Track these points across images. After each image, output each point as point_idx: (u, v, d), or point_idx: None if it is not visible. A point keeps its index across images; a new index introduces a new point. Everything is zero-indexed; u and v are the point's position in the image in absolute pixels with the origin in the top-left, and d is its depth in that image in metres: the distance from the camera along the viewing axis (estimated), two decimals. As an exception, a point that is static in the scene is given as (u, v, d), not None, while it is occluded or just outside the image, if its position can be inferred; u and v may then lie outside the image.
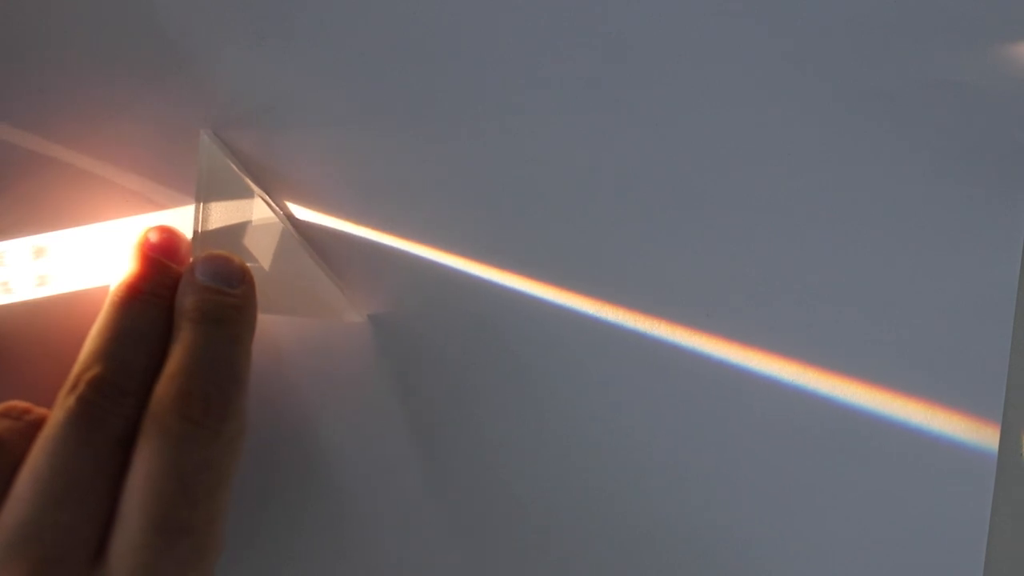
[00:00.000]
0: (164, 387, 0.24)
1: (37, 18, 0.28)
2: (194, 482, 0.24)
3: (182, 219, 0.28)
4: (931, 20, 0.26)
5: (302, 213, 0.29)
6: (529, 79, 0.28)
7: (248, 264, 0.27)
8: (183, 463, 0.23)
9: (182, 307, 0.25)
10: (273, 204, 0.28)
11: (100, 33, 0.28)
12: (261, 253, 0.28)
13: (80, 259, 0.28)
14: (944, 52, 0.26)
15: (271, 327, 0.29)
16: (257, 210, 0.28)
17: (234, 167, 0.28)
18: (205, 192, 0.27)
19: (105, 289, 0.26)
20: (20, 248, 0.28)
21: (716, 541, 0.29)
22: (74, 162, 0.29)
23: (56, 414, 0.24)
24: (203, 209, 0.27)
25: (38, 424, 0.24)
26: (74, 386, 0.24)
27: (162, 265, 0.26)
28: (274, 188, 0.29)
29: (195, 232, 0.27)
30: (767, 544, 0.29)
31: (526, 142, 0.28)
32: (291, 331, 0.29)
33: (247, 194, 0.28)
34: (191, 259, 0.27)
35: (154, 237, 0.27)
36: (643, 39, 0.27)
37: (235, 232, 0.28)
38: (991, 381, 0.27)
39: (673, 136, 0.28)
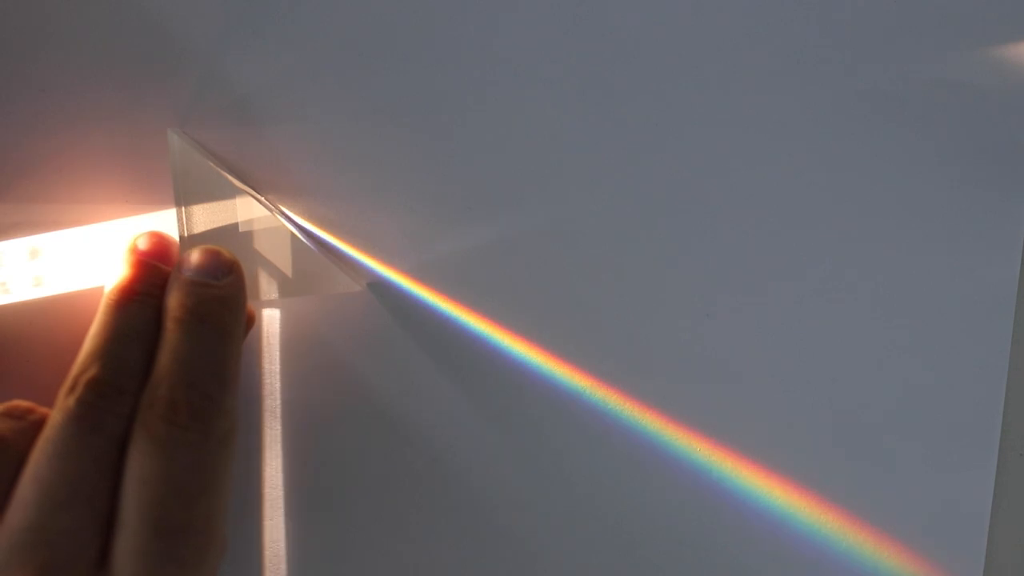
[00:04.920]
0: (150, 393, 0.24)
1: (37, 18, 0.28)
2: (187, 484, 0.24)
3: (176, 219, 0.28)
4: (931, 20, 0.26)
5: (293, 209, 0.29)
6: (529, 79, 0.28)
7: (239, 254, 0.27)
8: (174, 467, 0.23)
9: (168, 305, 0.25)
10: (254, 192, 0.28)
11: (100, 33, 0.28)
12: (250, 241, 0.28)
13: (75, 260, 0.28)
14: (944, 52, 0.26)
15: (266, 313, 0.29)
16: (240, 201, 0.28)
17: (209, 162, 0.28)
18: (184, 193, 0.27)
19: (101, 289, 0.26)
20: (16, 249, 0.28)
21: (716, 540, 0.29)
22: (73, 162, 0.28)
23: (55, 416, 0.24)
24: (185, 212, 0.27)
25: (41, 424, 0.24)
26: (72, 388, 0.24)
27: (153, 267, 0.26)
28: (267, 187, 0.29)
29: (181, 237, 0.27)
30: (766, 544, 0.29)
31: (524, 142, 0.28)
32: (289, 313, 0.29)
33: (226, 186, 0.28)
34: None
35: (143, 244, 0.27)
36: (643, 39, 0.27)
37: (221, 228, 0.28)
38: (991, 381, 0.28)
39: (673, 136, 0.28)
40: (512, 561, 0.29)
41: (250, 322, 0.28)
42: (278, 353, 0.29)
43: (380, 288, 0.29)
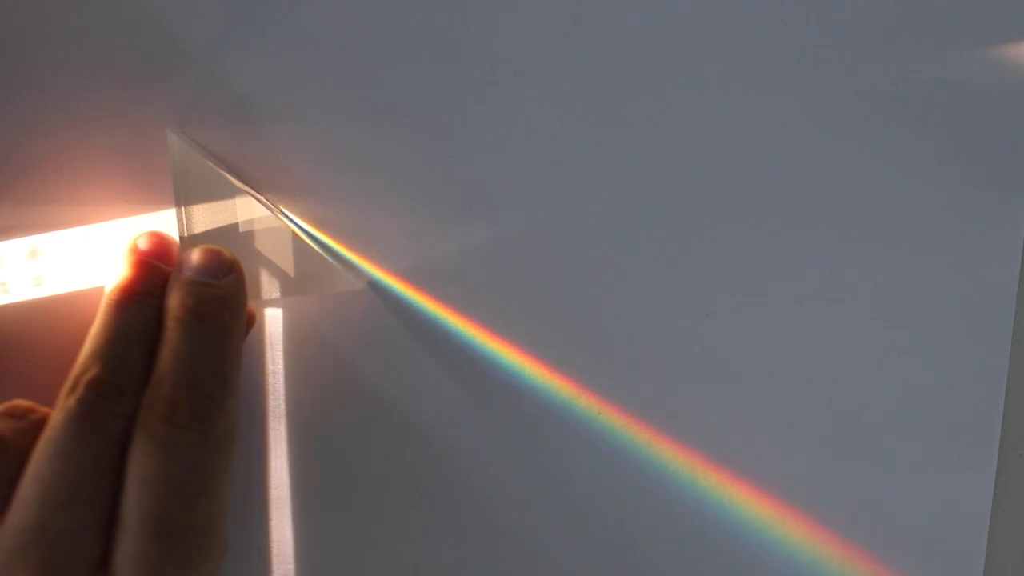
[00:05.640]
0: (151, 394, 0.24)
1: (37, 18, 0.28)
2: (188, 484, 0.24)
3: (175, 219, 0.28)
4: (931, 20, 0.26)
5: (292, 209, 0.29)
6: (529, 79, 0.28)
7: (240, 254, 0.27)
8: (174, 467, 0.23)
9: (168, 305, 0.25)
10: (254, 192, 0.28)
11: (100, 33, 0.28)
12: (251, 241, 0.28)
13: (74, 260, 0.28)
14: (944, 52, 0.26)
15: (268, 313, 0.29)
16: (240, 201, 0.28)
17: (208, 161, 0.28)
18: (183, 193, 0.27)
19: (101, 289, 0.26)
20: (16, 249, 0.28)
21: (715, 540, 0.29)
22: (73, 162, 0.28)
23: (56, 416, 0.24)
24: (185, 212, 0.27)
25: (41, 424, 0.24)
26: (73, 388, 0.24)
27: (154, 267, 0.26)
28: (267, 187, 0.29)
29: (181, 237, 0.27)
30: (766, 544, 0.29)
31: (524, 142, 0.28)
32: (291, 313, 0.29)
33: (226, 186, 0.28)
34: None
35: (143, 244, 0.27)
36: (643, 39, 0.27)
37: (221, 228, 0.28)
38: (991, 381, 0.28)
39: (673, 136, 0.28)
40: (512, 561, 0.29)
41: (250, 322, 0.28)
42: (280, 353, 0.29)
43: (381, 288, 0.29)
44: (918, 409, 0.28)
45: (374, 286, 0.29)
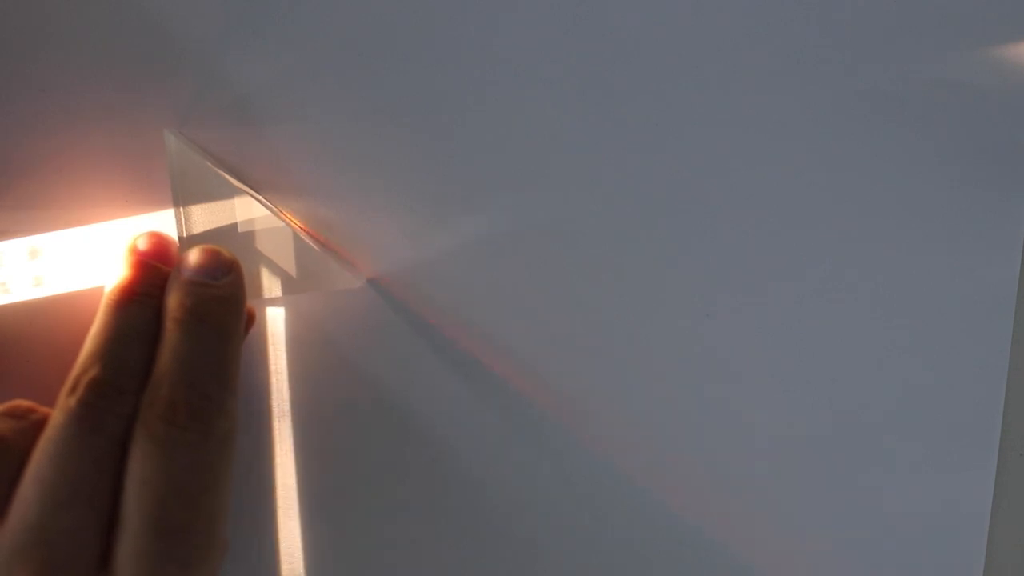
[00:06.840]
0: (150, 394, 0.24)
1: (37, 18, 0.28)
2: (188, 484, 0.24)
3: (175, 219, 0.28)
4: (931, 20, 0.26)
5: (291, 208, 0.29)
6: (529, 79, 0.28)
7: (239, 254, 0.27)
8: (173, 467, 0.24)
9: (167, 306, 0.25)
10: (253, 192, 0.28)
11: (100, 33, 0.28)
12: (250, 241, 0.28)
13: (75, 260, 0.28)
14: (944, 52, 0.26)
15: (269, 312, 0.29)
16: (238, 200, 0.28)
17: (207, 162, 0.28)
18: (182, 194, 0.27)
19: (101, 289, 0.26)
20: (16, 249, 0.28)
21: (716, 540, 0.29)
22: (73, 162, 0.28)
23: (57, 416, 0.24)
24: (183, 213, 0.27)
25: (42, 424, 0.24)
26: (73, 388, 0.24)
27: (153, 267, 0.26)
28: (267, 187, 0.29)
29: (180, 237, 0.27)
30: (766, 544, 0.29)
31: (524, 142, 0.28)
32: (292, 312, 0.29)
33: (224, 186, 0.28)
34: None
35: (143, 244, 0.27)
36: (643, 39, 0.27)
37: (220, 228, 0.28)
38: (991, 381, 0.28)
39: (673, 136, 0.28)
40: (512, 561, 0.30)
41: (250, 321, 0.28)
42: (282, 352, 0.29)
43: (380, 288, 0.29)
44: (918, 409, 0.28)
45: (374, 286, 0.29)
